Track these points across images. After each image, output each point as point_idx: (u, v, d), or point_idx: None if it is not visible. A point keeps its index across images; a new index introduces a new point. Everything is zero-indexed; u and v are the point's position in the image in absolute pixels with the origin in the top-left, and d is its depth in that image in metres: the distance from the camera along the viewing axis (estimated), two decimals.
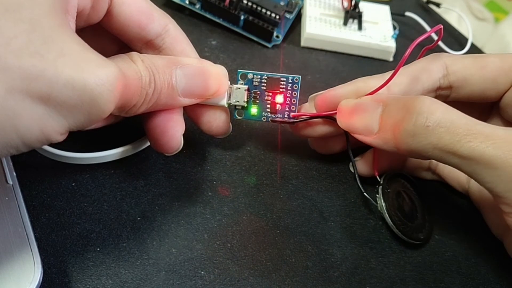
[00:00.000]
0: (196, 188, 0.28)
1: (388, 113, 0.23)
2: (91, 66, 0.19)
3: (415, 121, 0.21)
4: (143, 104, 0.23)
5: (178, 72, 0.24)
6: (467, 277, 0.27)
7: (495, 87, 0.25)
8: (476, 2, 0.90)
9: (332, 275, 0.26)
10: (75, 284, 0.23)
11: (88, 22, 0.23)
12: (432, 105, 0.21)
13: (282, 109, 0.27)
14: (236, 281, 0.25)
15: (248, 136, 0.31)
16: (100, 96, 0.19)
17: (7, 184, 0.24)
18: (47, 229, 0.25)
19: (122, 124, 0.28)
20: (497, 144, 0.20)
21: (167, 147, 0.25)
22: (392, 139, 0.23)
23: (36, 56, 0.17)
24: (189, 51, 0.26)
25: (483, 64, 0.25)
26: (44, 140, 0.19)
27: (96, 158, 0.27)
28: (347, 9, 0.39)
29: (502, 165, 0.20)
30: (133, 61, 0.22)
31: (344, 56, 0.39)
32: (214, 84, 0.25)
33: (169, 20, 0.26)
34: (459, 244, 0.28)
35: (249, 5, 0.37)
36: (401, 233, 0.27)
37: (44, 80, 0.17)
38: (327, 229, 0.28)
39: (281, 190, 0.29)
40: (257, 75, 0.27)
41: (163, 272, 0.25)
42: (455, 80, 0.26)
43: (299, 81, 0.27)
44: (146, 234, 0.26)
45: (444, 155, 0.21)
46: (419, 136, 0.21)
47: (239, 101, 0.27)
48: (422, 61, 0.26)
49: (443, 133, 0.21)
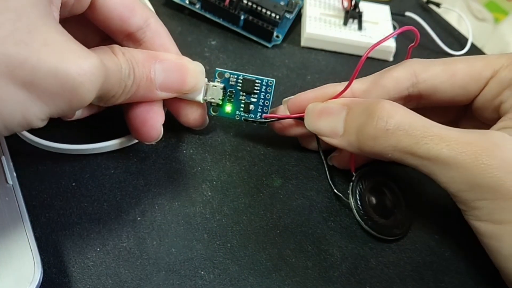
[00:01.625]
0: (196, 188, 0.28)
1: (351, 116, 0.24)
2: (74, 56, 0.19)
3: (376, 124, 0.22)
4: (122, 95, 0.23)
5: (157, 66, 0.25)
6: (466, 276, 0.27)
7: (465, 93, 0.26)
8: (476, 2, 0.90)
9: (332, 275, 0.26)
10: (75, 284, 0.23)
11: (72, 12, 0.24)
12: (392, 109, 0.22)
13: (254, 110, 0.28)
14: (236, 281, 0.25)
15: (248, 136, 0.31)
16: (81, 85, 0.19)
17: (7, 184, 0.24)
18: (47, 229, 0.25)
19: (120, 118, 0.28)
20: (451, 146, 0.21)
21: (147, 136, 0.26)
22: (355, 141, 0.24)
23: (21, 44, 0.18)
24: (169, 45, 0.27)
25: (452, 71, 0.26)
26: (25, 125, 0.19)
27: (96, 149, 0.28)
28: (347, 9, 0.39)
29: (455, 166, 0.20)
30: (114, 54, 0.23)
31: (344, 56, 0.39)
32: (191, 80, 0.26)
33: (151, 14, 0.26)
34: (459, 244, 0.28)
35: (249, 5, 0.37)
36: (370, 228, 0.27)
37: (28, 67, 0.18)
38: (327, 229, 0.28)
39: (281, 190, 0.29)
40: (233, 75, 0.28)
41: (163, 272, 0.25)
42: (425, 88, 0.26)
43: (273, 85, 0.28)
44: (146, 234, 0.26)
45: (403, 157, 0.22)
46: (380, 139, 0.22)
47: (214, 98, 0.28)
48: (390, 69, 0.27)
49: (402, 136, 0.22)
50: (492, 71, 0.25)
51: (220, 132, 0.31)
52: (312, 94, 0.27)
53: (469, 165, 0.20)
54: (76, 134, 0.28)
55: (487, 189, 0.20)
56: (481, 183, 0.20)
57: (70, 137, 0.28)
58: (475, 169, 0.20)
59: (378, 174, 0.29)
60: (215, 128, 0.31)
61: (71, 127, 0.28)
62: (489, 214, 0.20)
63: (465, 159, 0.20)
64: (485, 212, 0.21)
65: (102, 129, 0.29)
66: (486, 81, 0.25)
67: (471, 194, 0.21)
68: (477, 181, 0.20)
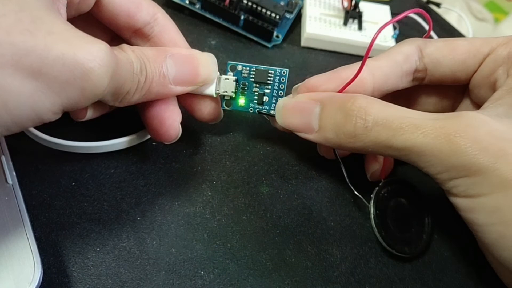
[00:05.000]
0: (196, 188, 0.28)
1: (327, 113, 0.25)
2: (81, 42, 0.19)
3: (355, 123, 0.23)
4: (136, 92, 0.23)
5: (169, 61, 0.24)
6: (466, 276, 0.27)
7: (465, 68, 0.27)
8: (476, 2, 0.90)
9: (331, 275, 0.26)
10: (75, 284, 0.23)
11: (78, 11, 0.24)
12: (368, 105, 0.23)
13: (269, 101, 0.28)
14: (236, 281, 0.25)
15: (248, 136, 0.31)
16: (91, 71, 0.19)
17: (7, 184, 0.24)
18: (47, 229, 0.25)
19: (121, 117, 0.28)
20: (425, 132, 0.22)
21: (167, 136, 0.26)
22: (334, 138, 0.24)
23: (25, 33, 0.18)
24: (178, 39, 0.27)
25: (453, 46, 0.27)
26: (36, 119, 0.19)
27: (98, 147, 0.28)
28: (347, 9, 0.39)
29: (430, 151, 0.21)
30: (124, 51, 0.23)
31: (344, 56, 0.39)
32: (204, 71, 0.26)
33: (158, 9, 0.26)
34: (459, 244, 0.28)
35: (249, 5, 0.37)
36: (382, 238, 0.27)
37: (35, 55, 0.18)
38: (327, 229, 0.28)
39: (281, 190, 0.29)
40: (246, 67, 0.28)
41: (163, 272, 0.25)
42: (429, 62, 0.27)
43: (286, 74, 0.28)
44: (146, 234, 0.26)
45: (383, 150, 0.23)
46: (359, 136, 0.23)
47: (227, 91, 0.28)
48: (398, 45, 0.28)
49: (380, 130, 0.23)
50: (490, 48, 0.26)
51: (220, 132, 0.31)
52: (325, 77, 0.27)
53: (443, 148, 0.21)
54: (76, 133, 0.28)
55: (462, 168, 0.21)
56: (455, 163, 0.21)
57: (70, 137, 0.27)
58: (449, 151, 0.21)
59: (406, 186, 0.29)
60: (215, 128, 0.31)
61: (72, 125, 0.28)
62: (465, 190, 0.21)
63: (439, 142, 0.21)
64: (462, 189, 0.21)
65: (103, 128, 0.29)
66: (484, 57, 0.26)
67: (448, 175, 0.22)
68: (451, 162, 0.21)
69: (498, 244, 0.21)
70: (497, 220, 0.21)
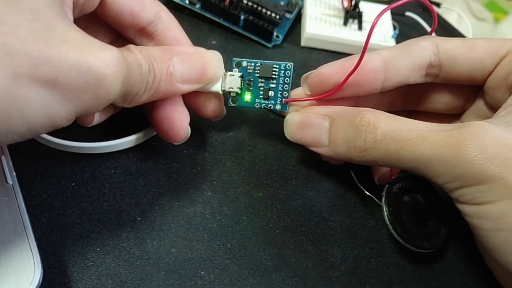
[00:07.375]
0: (196, 188, 0.28)
1: (336, 128, 0.25)
2: (94, 49, 0.19)
3: (365, 138, 0.23)
4: (145, 93, 0.23)
5: (175, 59, 0.25)
6: (467, 277, 0.27)
7: (482, 68, 0.26)
8: (476, 2, 0.90)
9: (332, 275, 0.26)
10: (75, 284, 0.23)
11: (83, 11, 0.24)
12: (376, 120, 0.23)
13: (274, 96, 0.28)
14: (236, 281, 0.25)
15: (249, 136, 0.31)
16: (105, 77, 0.19)
17: (7, 184, 0.24)
18: (47, 229, 0.25)
19: (121, 118, 0.28)
20: (432, 143, 0.22)
21: (177, 137, 0.27)
22: (345, 152, 0.25)
23: (40, 42, 0.18)
24: (182, 37, 0.28)
25: (472, 45, 0.26)
26: (50, 125, 0.19)
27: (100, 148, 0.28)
28: (347, 9, 0.39)
29: (438, 161, 0.22)
30: (131, 52, 0.23)
31: (344, 56, 0.39)
32: (211, 68, 0.26)
33: (161, 7, 0.27)
34: (459, 244, 0.28)
35: (249, 5, 0.37)
36: (398, 235, 0.26)
37: (50, 64, 0.18)
38: (327, 229, 0.28)
39: (281, 190, 0.29)
40: (251, 62, 0.28)
41: (163, 272, 0.25)
42: (446, 58, 0.27)
43: (291, 68, 0.28)
44: (146, 234, 0.26)
45: (392, 162, 0.23)
46: (370, 150, 0.23)
47: (233, 87, 0.28)
48: (415, 39, 0.27)
49: (389, 143, 0.23)
50: (507, 49, 0.26)
51: (220, 132, 0.31)
52: (338, 66, 0.27)
53: (450, 157, 0.21)
54: (76, 134, 0.28)
55: (469, 177, 0.21)
56: (462, 172, 0.21)
57: (70, 137, 0.27)
58: (456, 160, 0.21)
59: (417, 182, 0.28)
60: (215, 128, 0.31)
61: (72, 125, 0.27)
62: (472, 199, 0.22)
63: (446, 152, 0.21)
64: (469, 197, 0.22)
65: (103, 129, 0.29)
66: (501, 58, 0.26)
67: (455, 184, 0.22)
68: (458, 171, 0.21)
69: (503, 249, 0.21)
70: (504, 226, 0.21)
